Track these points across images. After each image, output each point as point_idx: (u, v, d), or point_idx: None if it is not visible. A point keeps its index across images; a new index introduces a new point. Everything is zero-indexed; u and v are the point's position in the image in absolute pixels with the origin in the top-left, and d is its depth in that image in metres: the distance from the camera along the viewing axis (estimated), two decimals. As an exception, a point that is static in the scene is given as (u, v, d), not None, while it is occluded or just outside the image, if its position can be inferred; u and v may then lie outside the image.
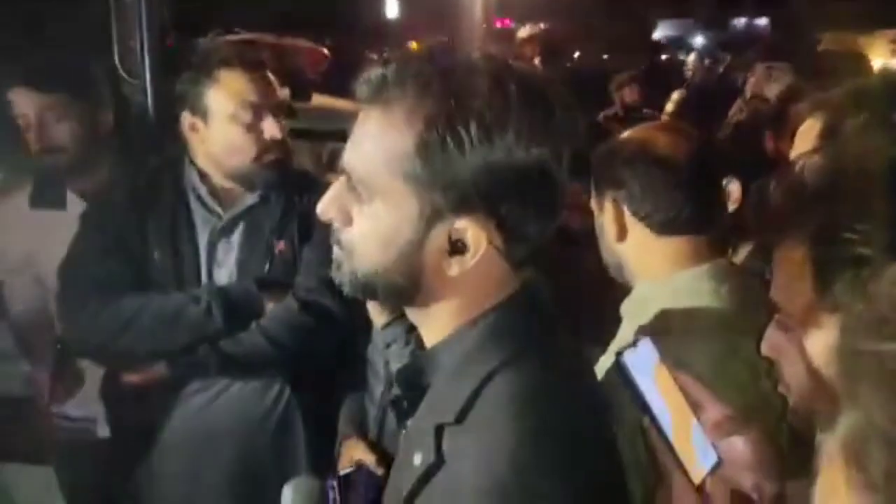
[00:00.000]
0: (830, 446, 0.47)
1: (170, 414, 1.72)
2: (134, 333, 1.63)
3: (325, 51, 3.08)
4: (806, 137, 1.19)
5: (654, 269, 1.29)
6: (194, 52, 1.94)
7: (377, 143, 0.80)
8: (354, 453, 1.62)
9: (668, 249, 1.28)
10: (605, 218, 1.32)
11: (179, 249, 1.70)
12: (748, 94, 2.91)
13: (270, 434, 1.76)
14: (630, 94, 5.37)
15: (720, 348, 1.13)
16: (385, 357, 1.53)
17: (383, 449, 1.58)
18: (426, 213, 0.79)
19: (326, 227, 1.67)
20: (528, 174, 0.78)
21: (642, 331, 1.24)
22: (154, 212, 1.71)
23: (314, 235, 1.72)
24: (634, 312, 1.31)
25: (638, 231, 1.29)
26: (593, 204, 1.37)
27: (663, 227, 1.26)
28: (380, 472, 1.42)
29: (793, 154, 1.24)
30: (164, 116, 1.77)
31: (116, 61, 2.24)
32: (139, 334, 1.64)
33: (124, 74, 2.26)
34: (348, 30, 11.05)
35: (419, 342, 0.92)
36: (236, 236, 1.73)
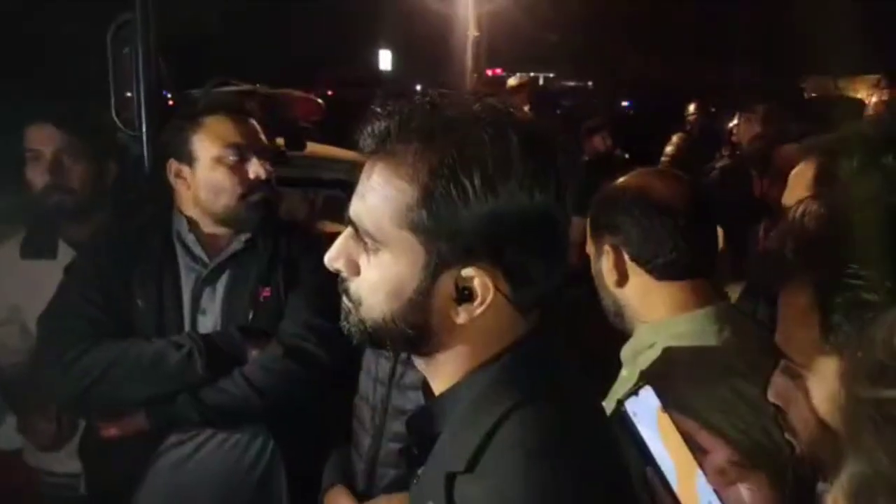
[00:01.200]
0: (836, 495, 0.46)
1: (147, 468, 1.68)
2: (112, 381, 1.60)
3: (320, 101, 3.13)
4: (799, 181, 1.20)
5: (655, 313, 1.29)
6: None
7: (382, 194, 0.81)
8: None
9: (668, 294, 1.28)
10: (604, 263, 1.32)
11: (163, 298, 1.68)
12: (738, 137, 2.95)
13: (252, 489, 1.71)
14: (602, 142, 5.45)
15: (725, 391, 1.12)
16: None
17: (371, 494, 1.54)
18: (433, 263, 0.80)
19: (314, 274, 1.69)
20: (532, 220, 0.79)
21: (645, 374, 1.23)
22: (140, 261, 1.70)
23: (301, 282, 1.71)
24: (634, 357, 1.30)
25: (638, 276, 1.29)
26: (590, 248, 1.37)
27: (664, 272, 1.27)
28: None
29: (786, 198, 1.24)
30: (161, 168, 1.77)
31: (113, 113, 2.26)
32: (118, 382, 1.60)
33: (121, 126, 2.28)
34: (343, 81, 11.23)
35: (428, 391, 0.91)
36: (221, 284, 1.72)
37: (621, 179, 1.36)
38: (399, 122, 0.81)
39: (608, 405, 1.29)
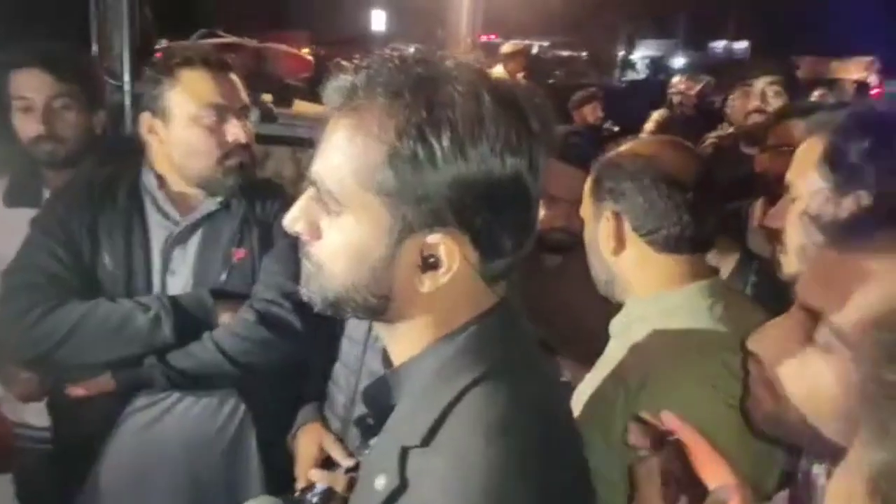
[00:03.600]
0: (850, 482, 0.44)
1: (115, 430, 1.64)
2: (77, 342, 1.55)
3: (309, 57, 3.05)
4: (807, 158, 1.18)
5: (649, 286, 1.26)
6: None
7: (346, 153, 0.76)
8: (313, 441, 1.56)
9: (664, 266, 1.25)
10: (602, 230, 1.28)
11: (132, 256, 1.62)
12: (737, 113, 2.92)
13: (222, 454, 1.68)
14: (592, 113, 5.41)
15: (715, 366, 1.10)
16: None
17: (345, 440, 1.53)
18: (397, 227, 0.76)
19: (288, 237, 1.64)
20: (503, 187, 0.75)
21: (634, 350, 1.21)
22: (107, 216, 1.63)
23: (275, 245, 1.65)
24: (624, 331, 1.28)
25: (636, 247, 1.26)
26: (587, 212, 1.33)
27: (664, 245, 1.24)
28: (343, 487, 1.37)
29: (792, 174, 1.22)
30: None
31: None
32: (83, 343, 1.55)
33: (105, 75, 2.21)
34: (333, 40, 11.04)
35: (386, 359, 0.88)
36: (193, 244, 1.66)
37: (628, 145, 1.31)
38: (366, 77, 0.76)
39: (594, 377, 1.29)
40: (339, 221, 0.78)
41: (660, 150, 1.27)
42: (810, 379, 0.77)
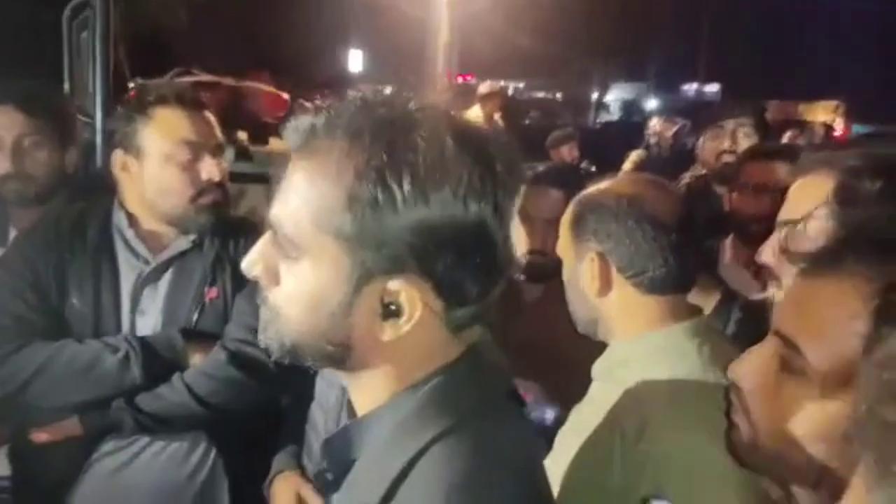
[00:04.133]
0: None
1: (81, 477, 1.57)
2: (43, 383, 1.50)
3: (286, 96, 3.06)
4: (808, 194, 1.17)
5: (633, 327, 1.24)
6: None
7: (304, 196, 0.74)
8: (289, 489, 1.51)
9: (650, 308, 1.23)
10: (586, 270, 1.25)
11: (100, 296, 1.58)
12: (708, 153, 2.97)
13: (193, 500, 1.61)
14: (569, 153, 5.49)
15: (711, 408, 1.08)
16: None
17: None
18: (356, 273, 0.73)
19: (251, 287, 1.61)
20: (466, 232, 0.73)
21: (628, 395, 1.19)
22: (76, 256, 1.59)
23: (248, 285, 1.63)
24: (609, 374, 1.26)
25: (622, 288, 1.23)
26: (566, 249, 1.30)
27: (651, 287, 1.22)
28: None
29: (787, 212, 1.21)
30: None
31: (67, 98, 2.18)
32: (49, 384, 1.50)
33: (77, 113, 2.19)
34: (310, 80, 11.11)
35: (350, 411, 0.84)
36: (164, 283, 1.62)
37: (609, 183, 1.29)
38: (326, 118, 0.74)
39: (580, 420, 1.26)
40: (297, 266, 0.75)
41: (643, 189, 1.26)
42: (785, 406, 0.77)
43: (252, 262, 0.78)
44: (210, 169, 1.58)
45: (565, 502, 1.09)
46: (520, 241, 1.85)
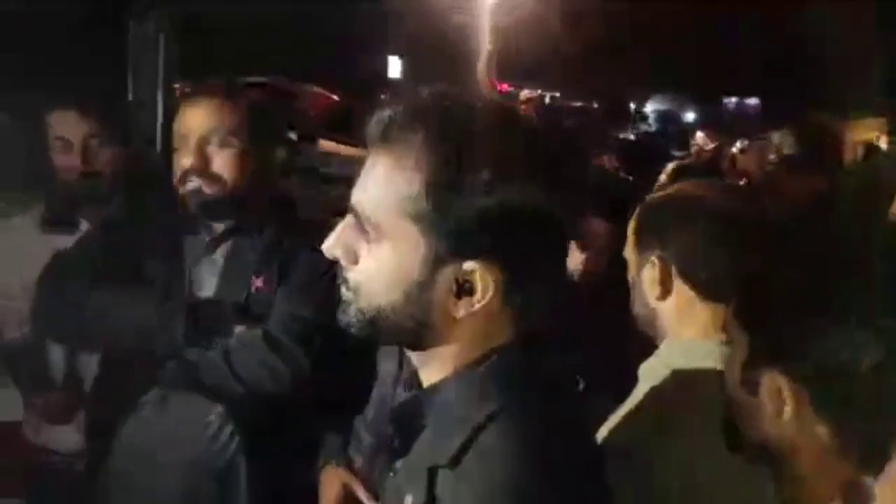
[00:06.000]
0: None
1: (125, 421, 1.65)
2: (104, 329, 1.61)
3: (335, 97, 3.13)
4: None
5: (688, 332, 1.25)
6: None
7: (386, 184, 0.80)
8: (337, 480, 1.55)
9: (707, 315, 1.24)
10: (647, 274, 1.26)
11: (169, 266, 1.67)
12: (747, 165, 2.98)
13: (211, 463, 1.63)
14: (609, 163, 5.48)
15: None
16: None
17: (369, 481, 1.52)
18: (434, 255, 0.79)
19: (308, 272, 1.67)
20: (536, 220, 0.79)
21: (654, 393, 1.22)
22: (150, 233, 1.70)
23: (294, 278, 1.65)
24: (653, 374, 1.27)
25: (682, 292, 1.24)
26: (630, 255, 1.32)
27: (712, 290, 1.23)
28: None
29: None
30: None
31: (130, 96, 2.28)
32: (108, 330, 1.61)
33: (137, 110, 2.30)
34: (350, 84, 11.24)
35: (417, 382, 0.89)
36: (219, 261, 1.69)
37: (674, 187, 1.32)
38: (404, 112, 0.80)
39: (619, 418, 1.29)
40: (377, 248, 0.81)
41: (708, 191, 1.26)
42: None
43: (333, 244, 0.84)
44: (185, 159, 1.63)
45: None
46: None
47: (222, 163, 1.65)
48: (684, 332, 1.26)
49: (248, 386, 1.59)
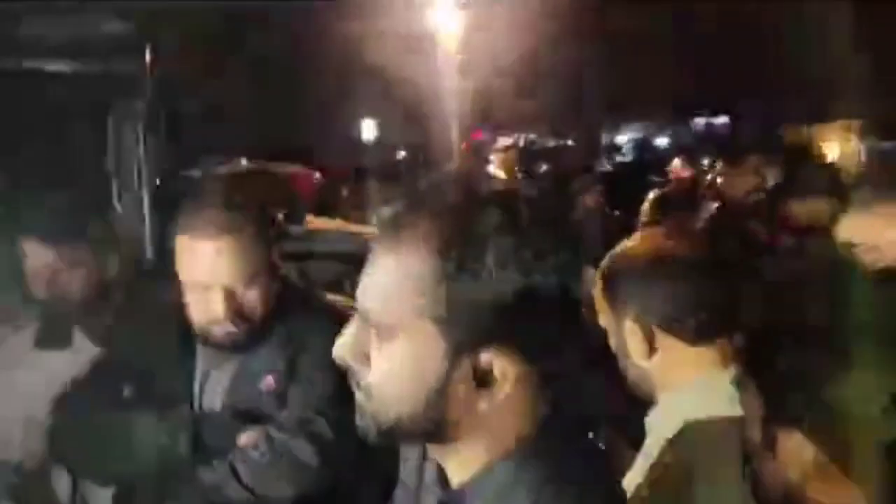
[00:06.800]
0: None
1: None
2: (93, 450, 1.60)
3: (317, 174, 3.17)
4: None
5: (681, 379, 1.25)
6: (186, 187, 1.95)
7: (393, 280, 0.79)
8: None
9: (697, 358, 1.24)
10: (629, 335, 1.27)
11: (180, 376, 1.66)
12: (726, 189, 3.01)
13: None
14: (592, 199, 5.51)
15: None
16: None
17: None
18: (449, 349, 0.77)
19: (318, 365, 1.64)
20: (548, 297, 0.78)
21: (670, 445, 1.20)
22: (163, 343, 1.68)
23: (304, 373, 1.63)
24: (660, 425, 1.27)
25: (668, 343, 1.25)
26: (606, 321, 1.32)
27: (694, 334, 1.23)
28: None
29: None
30: (164, 253, 1.76)
31: (115, 199, 2.28)
32: (101, 452, 1.60)
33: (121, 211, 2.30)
34: (326, 151, 11.31)
35: (443, 478, 0.87)
36: (230, 369, 1.67)
37: (628, 243, 1.32)
38: (407, 206, 0.81)
39: (636, 473, 1.27)
40: (390, 348, 0.79)
41: (663, 241, 1.28)
42: None
43: (343, 349, 0.83)
44: (208, 305, 1.56)
45: None
46: None
47: (253, 301, 1.58)
48: (676, 379, 1.25)
49: (257, 492, 1.55)
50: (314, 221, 2.98)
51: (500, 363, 0.78)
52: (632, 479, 1.27)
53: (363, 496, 1.64)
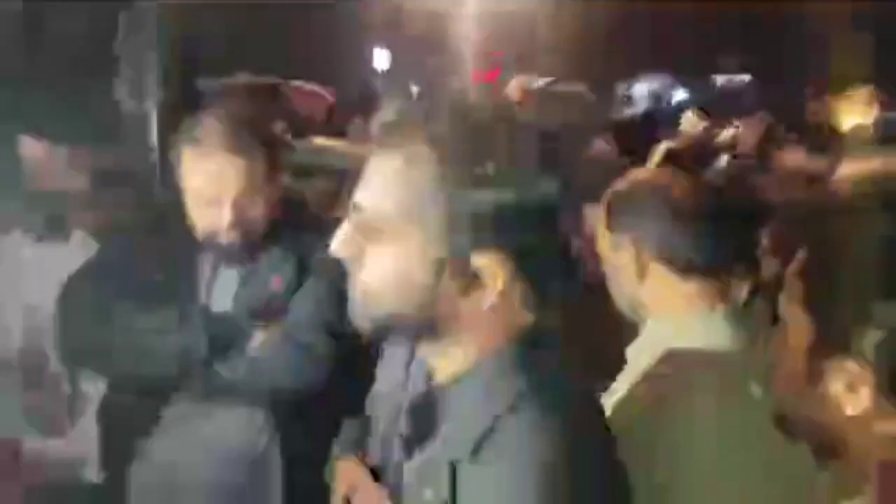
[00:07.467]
0: None
1: (153, 431, 1.70)
2: (125, 354, 1.63)
3: (328, 95, 3.14)
4: None
5: (672, 309, 1.29)
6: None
7: (390, 182, 0.81)
8: (349, 478, 1.57)
9: (687, 291, 1.29)
10: (624, 258, 1.32)
11: (182, 277, 1.70)
12: (740, 142, 2.98)
13: (247, 472, 1.70)
14: (603, 142, 5.46)
15: (736, 399, 1.12)
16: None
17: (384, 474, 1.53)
18: (442, 251, 0.80)
19: (322, 273, 1.67)
20: (541, 211, 0.81)
21: (647, 376, 1.23)
22: (163, 243, 1.71)
23: (310, 277, 1.69)
24: (644, 355, 1.30)
25: (659, 272, 1.29)
26: (604, 244, 1.37)
27: (686, 269, 1.28)
28: None
29: None
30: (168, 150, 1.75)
31: (126, 93, 2.27)
32: (123, 350, 1.63)
33: (131, 103, 2.29)
34: (336, 78, 11.20)
35: (429, 374, 0.91)
36: (235, 274, 1.72)
37: (635, 175, 1.38)
38: (409, 113, 0.82)
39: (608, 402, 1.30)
40: (384, 248, 0.82)
41: (668, 179, 1.33)
42: None
43: (340, 245, 0.85)
44: (215, 215, 1.60)
45: None
46: None
47: (258, 210, 1.64)
48: (667, 307, 1.29)
49: (279, 387, 1.63)
50: (321, 140, 2.97)
51: (489, 268, 0.80)
52: (613, 392, 1.31)
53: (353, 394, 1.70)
